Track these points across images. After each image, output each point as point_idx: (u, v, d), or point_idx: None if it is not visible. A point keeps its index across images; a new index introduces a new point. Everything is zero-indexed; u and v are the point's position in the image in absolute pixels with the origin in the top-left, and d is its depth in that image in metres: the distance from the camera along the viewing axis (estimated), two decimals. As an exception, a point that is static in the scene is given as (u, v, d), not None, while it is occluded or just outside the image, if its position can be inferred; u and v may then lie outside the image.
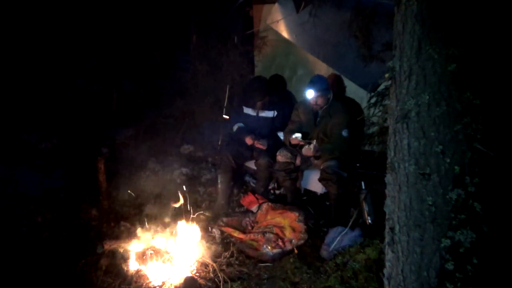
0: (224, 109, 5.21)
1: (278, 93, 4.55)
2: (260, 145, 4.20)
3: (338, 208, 3.91)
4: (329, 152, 3.91)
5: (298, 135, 4.04)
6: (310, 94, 3.93)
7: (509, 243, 1.72)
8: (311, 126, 4.12)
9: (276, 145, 4.24)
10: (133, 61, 7.07)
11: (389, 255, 1.96)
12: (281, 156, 4.11)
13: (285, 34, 5.26)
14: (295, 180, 4.20)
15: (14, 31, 6.55)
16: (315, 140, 3.97)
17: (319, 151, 3.94)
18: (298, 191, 4.35)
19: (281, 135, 4.30)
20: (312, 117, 4.09)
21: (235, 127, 4.47)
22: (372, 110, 3.50)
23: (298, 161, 4.15)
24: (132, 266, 3.22)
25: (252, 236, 3.81)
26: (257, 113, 4.37)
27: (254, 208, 4.16)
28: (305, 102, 4.12)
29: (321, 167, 3.91)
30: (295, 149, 4.14)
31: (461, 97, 1.66)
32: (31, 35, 6.68)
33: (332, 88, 4.15)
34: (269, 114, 4.35)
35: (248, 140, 4.25)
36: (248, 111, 4.39)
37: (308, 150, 3.95)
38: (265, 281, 3.26)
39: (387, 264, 1.99)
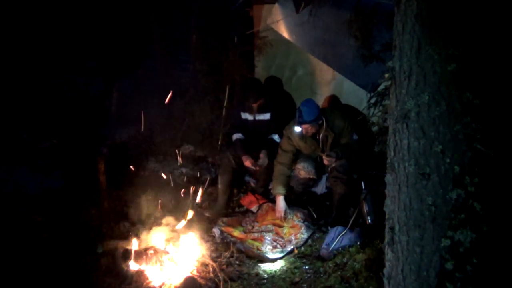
0: (224, 109, 5.21)
1: (273, 95, 4.54)
2: (260, 166, 4.18)
3: (340, 208, 3.90)
4: (347, 153, 3.83)
5: (310, 169, 3.98)
6: (298, 129, 3.80)
7: (509, 243, 1.72)
8: (313, 148, 3.97)
9: (273, 147, 4.21)
10: (133, 61, 7.08)
11: (389, 255, 1.96)
12: (305, 172, 4.03)
13: (285, 34, 5.26)
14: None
15: (15, 32, 6.56)
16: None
17: (339, 153, 3.82)
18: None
19: (276, 137, 4.27)
20: (313, 139, 3.92)
21: (233, 137, 4.45)
22: (372, 110, 3.51)
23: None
24: (132, 266, 3.22)
25: (252, 236, 3.82)
26: (254, 117, 4.35)
27: (254, 208, 4.17)
28: (294, 129, 3.90)
29: (333, 165, 3.84)
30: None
31: (461, 97, 1.66)
32: (32, 36, 6.69)
33: (328, 105, 4.17)
34: (266, 116, 4.33)
35: (247, 164, 4.17)
36: (245, 116, 4.38)
37: (330, 160, 3.82)
38: (265, 281, 3.26)
39: (387, 264, 1.99)
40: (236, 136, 4.42)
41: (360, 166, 3.99)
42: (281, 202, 3.98)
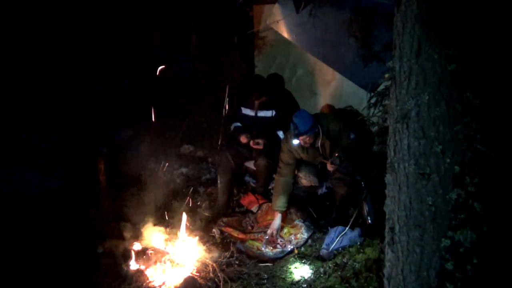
0: (224, 109, 5.21)
1: (276, 92, 4.52)
2: (256, 145, 4.16)
3: (340, 209, 3.88)
4: (348, 154, 3.75)
5: (312, 178, 3.94)
6: (296, 141, 3.71)
7: (509, 243, 1.72)
8: (315, 156, 3.91)
9: (275, 144, 4.22)
10: (133, 62, 7.09)
11: (389, 255, 1.96)
12: (306, 181, 3.97)
13: (285, 34, 5.26)
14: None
15: (15, 32, 6.56)
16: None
17: (341, 156, 3.74)
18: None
19: (280, 134, 4.26)
20: (314, 149, 3.85)
21: (232, 127, 4.46)
22: (372, 110, 3.51)
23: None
24: (132, 266, 3.22)
25: (252, 236, 3.82)
26: (256, 113, 4.33)
27: (254, 208, 4.16)
28: (293, 142, 3.80)
29: (336, 167, 3.76)
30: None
31: (461, 97, 1.66)
32: (32, 36, 6.70)
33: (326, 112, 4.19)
34: (268, 113, 4.31)
35: (243, 139, 4.17)
36: (246, 111, 4.35)
37: (335, 167, 3.74)
38: (265, 281, 3.26)
39: (387, 264, 1.99)
40: (233, 124, 4.42)
41: (361, 167, 3.97)
42: (277, 220, 3.83)
